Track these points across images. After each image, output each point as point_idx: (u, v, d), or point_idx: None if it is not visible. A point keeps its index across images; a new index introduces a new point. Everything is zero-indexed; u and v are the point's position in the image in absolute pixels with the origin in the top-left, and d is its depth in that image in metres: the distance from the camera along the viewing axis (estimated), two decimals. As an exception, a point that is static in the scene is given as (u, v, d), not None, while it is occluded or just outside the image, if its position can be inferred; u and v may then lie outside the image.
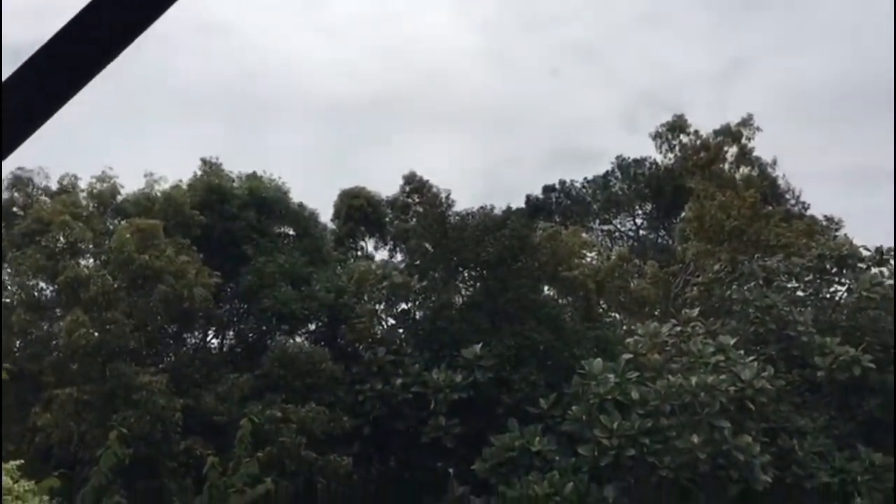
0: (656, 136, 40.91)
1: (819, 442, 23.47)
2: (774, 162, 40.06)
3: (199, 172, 28.91)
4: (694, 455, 21.77)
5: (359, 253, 37.16)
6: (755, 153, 38.75)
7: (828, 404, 25.00)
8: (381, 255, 37.07)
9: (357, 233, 36.58)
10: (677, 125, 40.58)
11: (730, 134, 38.02)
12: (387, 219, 36.88)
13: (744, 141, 37.94)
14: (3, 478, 10.64)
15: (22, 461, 12.19)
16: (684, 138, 40.04)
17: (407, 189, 37.29)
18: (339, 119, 65.10)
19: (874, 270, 27.86)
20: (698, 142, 38.75)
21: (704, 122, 48.75)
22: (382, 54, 67.66)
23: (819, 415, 24.51)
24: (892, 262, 27.35)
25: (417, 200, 36.53)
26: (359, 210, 35.47)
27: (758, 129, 38.09)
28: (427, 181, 36.37)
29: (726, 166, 37.90)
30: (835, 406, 24.95)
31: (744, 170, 37.92)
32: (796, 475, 22.93)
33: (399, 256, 35.98)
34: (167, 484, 22.01)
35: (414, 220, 33.24)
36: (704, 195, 33.05)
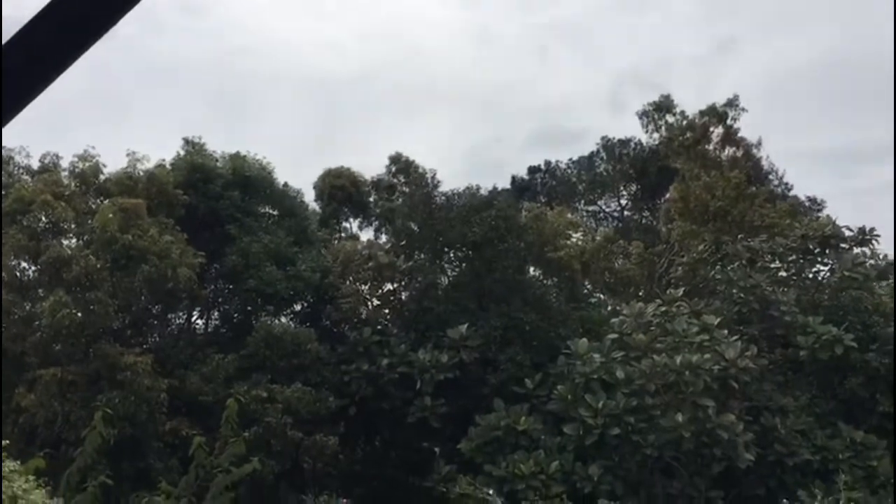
0: (643, 114, 40.84)
1: (801, 420, 23.71)
2: (759, 143, 40.19)
3: (182, 152, 28.70)
4: (678, 433, 21.91)
5: (343, 234, 37.27)
6: (740, 134, 38.84)
7: (810, 383, 25.24)
8: (367, 235, 37.20)
9: (341, 213, 36.44)
10: (663, 105, 40.53)
11: (715, 114, 38.02)
12: (370, 199, 36.98)
13: (729, 122, 37.98)
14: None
15: (7, 442, 12.08)
16: (670, 118, 40.01)
17: (393, 169, 37.19)
18: (323, 98, 64.73)
19: (856, 251, 28.07)
20: (684, 122, 38.74)
21: (690, 103, 48.81)
22: (366, 33, 67.26)
23: (801, 393, 24.74)
24: (873, 243, 27.60)
25: (403, 181, 36.44)
26: (341, 190, 35.31)
27: (743, 109, 38.16)
28: (413, 161, 36.31)
29: (711, 147, 37.95)
30: (817, 385, 25.19)
31: (729, 150, 37.99)
32: (779, 453, 23.15)
33: (384, 237, 36.11)
34: (153, 464, 21.97)
35: (399, 200, 33.17)
36: (690, 176, 33.11)
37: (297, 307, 28.76)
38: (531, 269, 31.00)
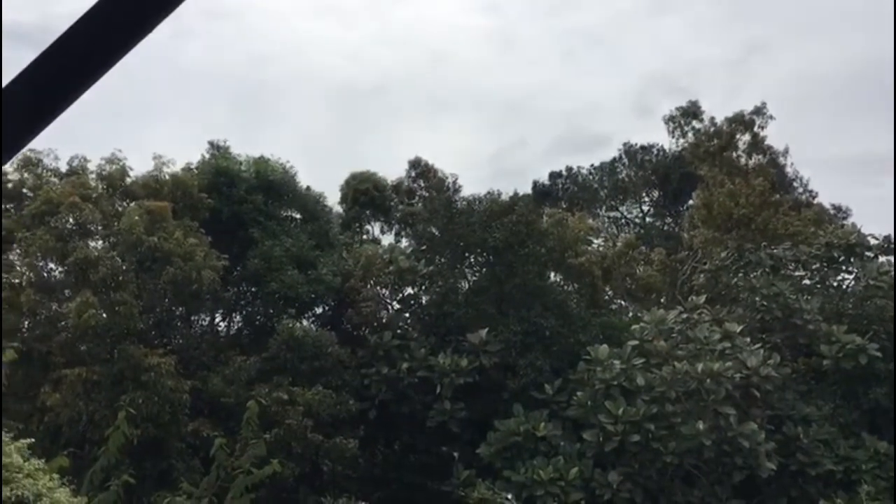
0: (669, 119, 40.49)
1: (824, 430, 23.47)
2: (786, 151, 39.77)
3: (207, 155, 28.95)
4: (699, 441, 21.83)
5: (365, 237, 37.35)
6: (767, 141, 38.46)
7: (833, 393, 24.98)
8: (388, 239, 37.34)
9: (363, 217, 36.57)
10: (691, 111, 40.22)
11: (742, 122, 37.66)
12: (392, 203, 37.30)
13: (756, 129, 37.61)
14: (14, 456, 10.72)
15: (32, 440, 12.27)
16: (697, 124, 39.71)
17: (413, 174, 37.35)
18: (346, 103, 65.02)
19: (881, 259, 27.77)
20: (712, 128, 38.41)
21: (717, 108, 48.56)
22: (388, 39, 67.50)
23: (824, 403, 24.49)
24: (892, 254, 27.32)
25: (423, 185, 36.60)
26: (365, 194, 35.52)
27: (771, 117, 37.71)
28: (433, 166, 36.43)
29: (737, 154, 37.64)
30: (840, 394, 24.92)
31: (755, 158, 37.65)
32: (801, 462, 22.95)
33: (405, 241, 36.22)
34: (175, 464, 22.14)
35: (420, 204, 33.27)
36: (713, 182, 32.90)
37: (319, 310, 28.88)
38: (552, 274, 30.98)
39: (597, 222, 39.14)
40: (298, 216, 29.91)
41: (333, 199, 35.17)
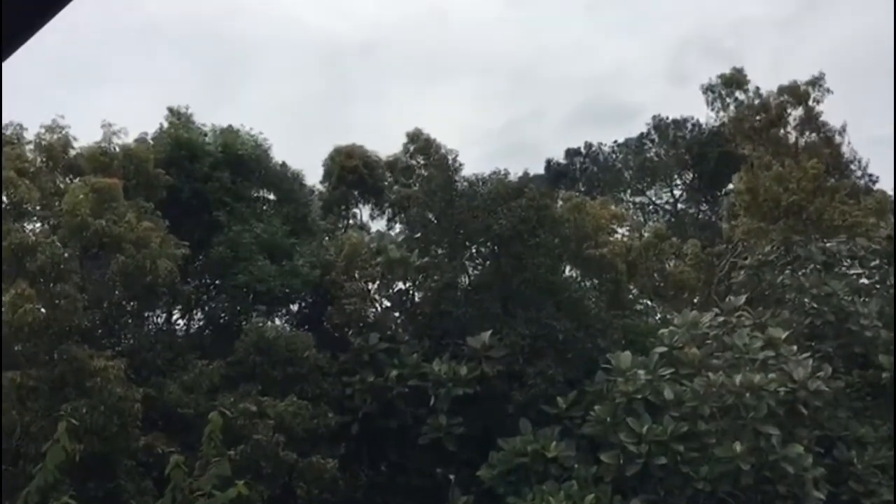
0: (707, 89, 39.98)
1: (881, 454, 23.49)
2: (843, 128, 39.21)
3: (165, 125, 28.85)
4: (735, 465, 21.88)
5: (351, 222, 37.38)
6: (822, 117, 37.96)
7: (892, 410, 25.00)
8: (378, 226, 37.37)
9: (350, 199, 36.60)
10: (734, 79, 39.63)
11: (794, 94, 37.20)
12: (385, 183, 37.12)
13: (810, 103, 37.13)
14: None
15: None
16: (741, 95, 39.22)
17: (410, 149, 37.18)
18: (331, 65, 64.84)
19: (953, 256, 27.74)
20: (757, 101, 38.04)
21: (761, 78, 48.50)
22: (381, -10, 67.27)
23: (882, 422, 24.49)
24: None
25: (422, 163, 36.49)
26: (353, 172, 35.46)
27: (828, 90, 37.10)
28: (435, 140, 36.28)
29: (787, 131, 37.39)
30: (901, 413, 24.96)
31: (808, 136, 37.34)
32: (854, 491, 23.02)
33: (398, 228, 36.19)
34: (124, 484, 22.13)
35: (418, 185, 33.27)
36: (759, 164, 32.85)
37: (294, 307, 28.92)
38: (567, 268, 31.00)
39: (620, 208, 39.01)
40: (272, 197, 29.91)
41: (314, 178, 35.25)
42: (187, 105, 29.36)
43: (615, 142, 51.50)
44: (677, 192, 50.67)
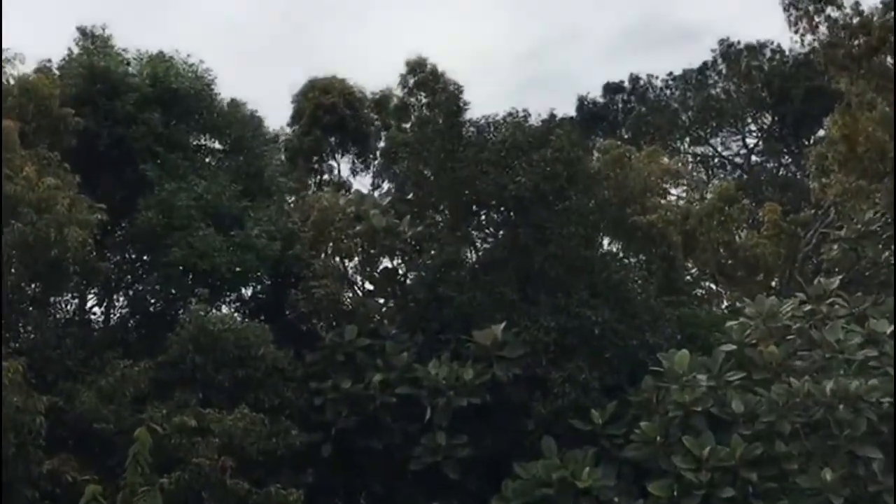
0: (790, 5, 39.60)
1: None
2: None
3: (75, 49, 28.58)
4: (824, 499, 21.86)
5: (325, 178, 37.21)
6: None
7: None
8: (363, 184, 37.20)
9: (325, 147, 36.38)
10: (825, -9, 39.40)
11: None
12: (373, 127, 36.77)
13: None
14: None
15: None
16: (834, 12, 38.90)
17: (410, 82, 36.86)
18: (295, -28, 64.24)
19: None
20: (856, 20, 37.75)
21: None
22: None
23: None
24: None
25: (424, 100, 36.22)
26: (330, 111, 35.18)
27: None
28: (443, 72, 35.94)
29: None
30: None
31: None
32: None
33: (387, 187, 36.03)
34: (23, 523, 22.17)
35: (416, 130, 33.07)
36: (858, 103, 32.52)
37: (246, 291, 28.84)
38: (605, 241, 30.88)
39: (676, 162, 38.81)
40: (217, 146, 29.74)
41: (278, 120, 35.03)
42: (104, 25, 29.20)
43: (669, 74, 51.27)
44: (751, 141, 50.46)
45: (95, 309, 28.45)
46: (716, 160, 50.34)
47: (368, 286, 30.03)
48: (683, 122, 50.06)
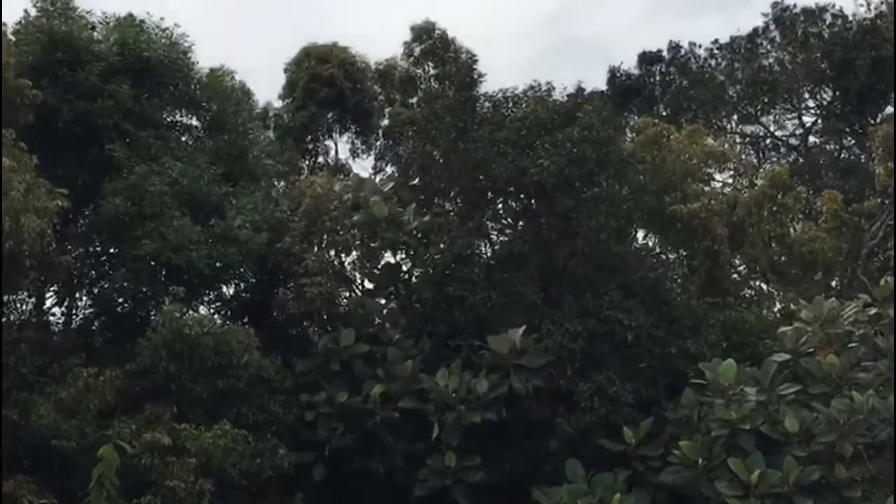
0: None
1: None
2: None
3: (32, 12, 28.45)
4: (891, 531, 21.77)
5: (320, 160, 37.07)
6: None
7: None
8: (364, 167, 37.05)
9: (321, 125, 36.32)
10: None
11: None
12: (376, 102, 36.59)
13: None
14: None
15: None
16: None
17: (416, 51, 36.83)
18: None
19: None
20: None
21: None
22: None
23: None
24: None
25: (433, 72, 36.18)
26: (329, 84, 35.13)
27: None
28: (453, 39, 35.85)
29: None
30: None
31: None
32: None
33: (391, 170, 35.85)
34: (-29, 554, 22.18)
35: (423, 107, 33.00)
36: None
37: (228, 290, 28.94)
38: (640, 234, 30.88)
39: (722, 142, 38.55)
40: (195, 123, 29.73)
41: (266, 94, 34.80)
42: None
43: (714, 42, 50.94)
44: (808, 119, 50.17)
45: (55, 309, 28.40)
46: (768, 141, 50.05)
47: (368, 284, 29.93)
48: (730, 97, 49.78)
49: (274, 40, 64.15)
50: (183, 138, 29.30)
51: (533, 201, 28.45)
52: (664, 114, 45.00)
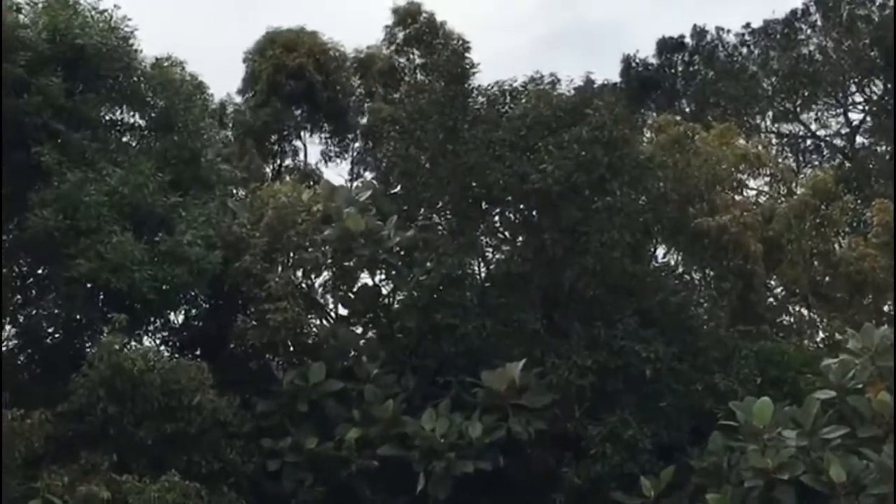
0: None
1: None
2: None
3: (-53, -8, 28.53)
4: None
5: (288, 164, 37.32)
6: None
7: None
8: (338, 173, 37.17)
9: (288, 123, 36.58)
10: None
11: None
12: (353, 96, 36.92)
13: None
14: None
15: None
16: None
17: (399, 36, 36.85)
18: None
19: None
20: None
21: None
22: None
23: None
24: None
25: (419, 61, 36.16)
26: (297, 76, 35.35)
27: None
28: (443, 23, 35.83)
29: None
30: None
31: None
32: None
33: (370, 176, 35.81)
34: None
35: (407, 100, 33.04)
36: None
37: (176, 318, 28.96)
38: (659, 250, 31.03)
39: (755, 144, 38.54)
40: (139, 121, 29.65)
41: (223, 88, 34.81)
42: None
43: (746, 26, 51.10)
44: (855, 117, 50.28)
45: (-27, 340, 28.34)
46: (808, 142, 50.18)
47: (342, 311, 29.94)
48: (765, 90, 49.96)
49: (232, 25, 64.14)
50: (124, 140, 29.20)
51: (534, 213, 28.59)
52: (687, 110, 45.15)
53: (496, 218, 29.80)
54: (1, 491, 22.73)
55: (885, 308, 32.76)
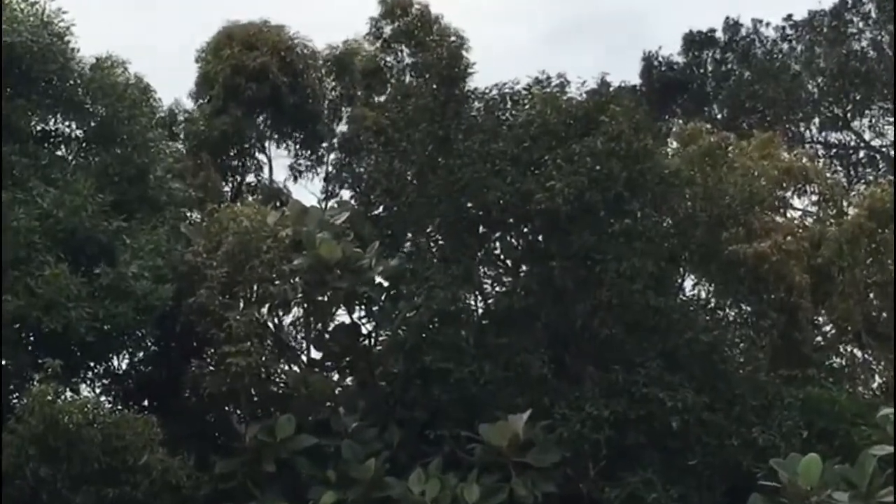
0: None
1: None
2: None
3: None
4: None
5: (251, 181, 37.15)
6: None
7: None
8: (308, 190, 37.04)
9: (248, 133, 36.35)
10: None
11: None
12: (327, 102, 36.89)
13: None
14: None
15: None
16: None
17: (387, 30, 36.85)
18: None
19: None
20: None
21: None
22: None
23: None
24: None
25: (409, 60, 36.20)
26: (259, 78, 35.15)
27: None
28: (437, 17, 35.87)
29: None
30: None
31: None
32: None
33: (347, 195, 35.79)
34: None
35: (392, 107, 33.13)
36: None
37: (120, 363, 29.03)
38: (687, 280, 31.09)
39: (799, 155, 38.66)
40: (76, 131, 29.84)
41: (173, 92, 34.85)
42: None
43: (787, 18, 51.20)
44: (917, 125, 50.33)
45: None
46: (861, 154, 50.20)
47: (315, 354, 29.99)
48: (810, 93, 50.01)
49: (184, 19, 64.33)
50: (59, 153, 29.32)
51: (540, 237, 28.75)
52: (719, 117, 45.14)
53: (495, 244, 29.91)
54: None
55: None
